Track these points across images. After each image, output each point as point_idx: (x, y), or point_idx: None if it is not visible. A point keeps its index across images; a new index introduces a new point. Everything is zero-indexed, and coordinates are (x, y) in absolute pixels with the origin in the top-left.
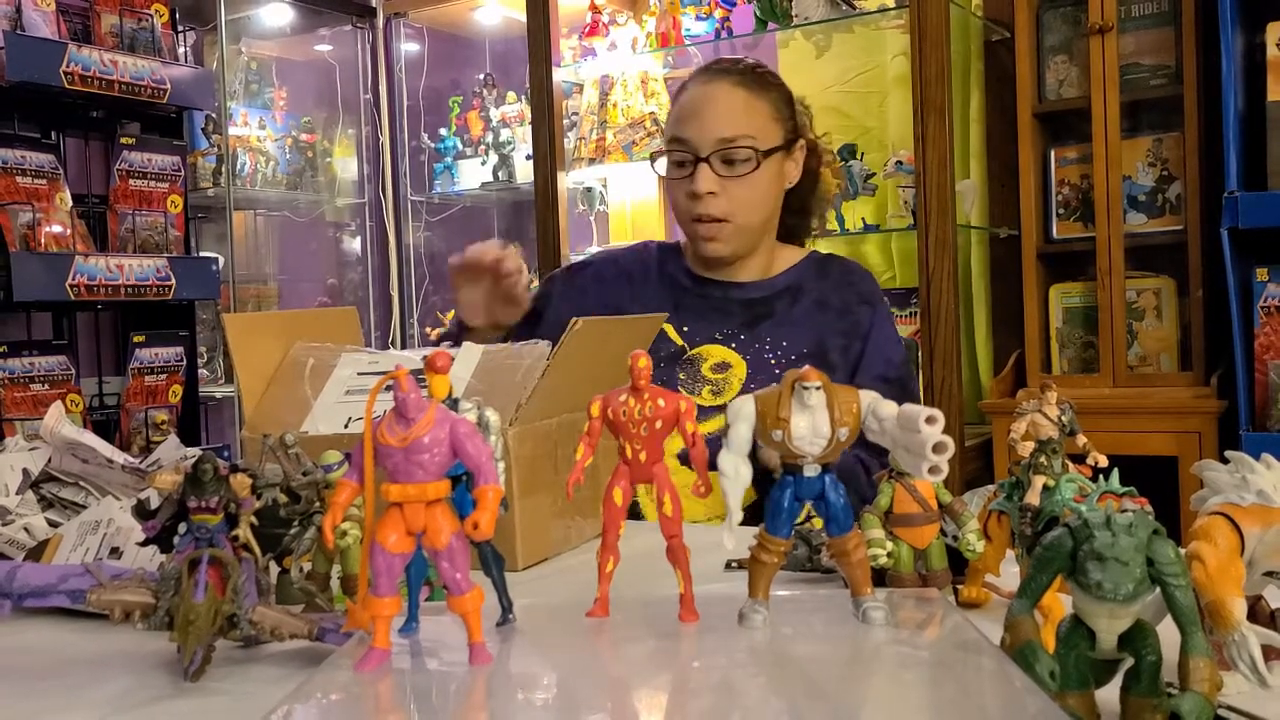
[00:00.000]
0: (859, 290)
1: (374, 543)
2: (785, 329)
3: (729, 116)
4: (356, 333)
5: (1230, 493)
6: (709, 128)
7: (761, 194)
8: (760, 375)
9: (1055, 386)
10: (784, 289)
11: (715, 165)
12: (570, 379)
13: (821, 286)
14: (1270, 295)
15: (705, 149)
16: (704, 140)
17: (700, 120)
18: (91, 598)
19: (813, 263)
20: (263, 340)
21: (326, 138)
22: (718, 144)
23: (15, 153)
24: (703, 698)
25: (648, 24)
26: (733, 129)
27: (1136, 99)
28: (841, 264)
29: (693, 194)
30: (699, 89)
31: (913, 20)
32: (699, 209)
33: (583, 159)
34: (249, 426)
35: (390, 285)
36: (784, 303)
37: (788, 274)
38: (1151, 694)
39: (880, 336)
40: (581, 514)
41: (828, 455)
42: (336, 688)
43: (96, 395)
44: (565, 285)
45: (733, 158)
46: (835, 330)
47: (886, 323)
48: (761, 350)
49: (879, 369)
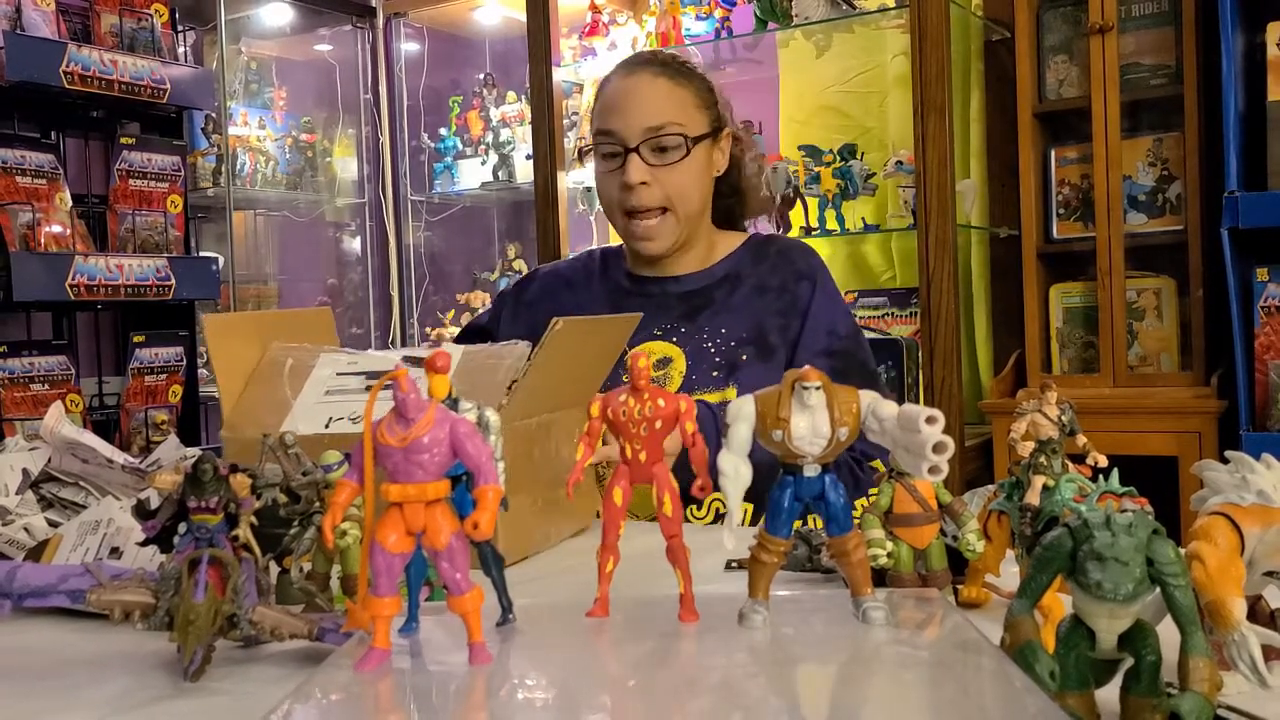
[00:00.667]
0: (797, 268)
1: (374, 543)
2: (724, 316)
3: (654, 105)
4: (332, 333)
5: (1230, 493)
6: (635, 118)
7: (694, 179)
8: (701, 365)
9: (1055, 386)
10: (723, 277)
11: (645, 155)
12: (550, 379)
13: (759, 270)
14: (1270, 295)
15: (634, 139)
16: (631, 131)
17: (625, 112)
18: (91, 598)
19: (751, 247)
20: (240, 340)
21: (326, 138)
22: (646, 133)
23: (15, 152)
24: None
25: (648, 24)
26: (659, 117)
27: (1137, 99)
28: (779, 244)
29: (625, 185)
30: (621, 82)
31: (913, 20)
32: (632, 200)
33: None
34: (228, 426)
35: (390, 285)
36: (723, 291)
37: (726, 261)
38: (1151, 694)
39: (820, 310)
40: (561, 513)
41: (827, 455)
42: (336, 688)
43: (96, 395)
44: (513, 302)
45: (663, 145)
46: (773, 311)
47: (828, 296)
48: (700, 341)
49: (821, 343)
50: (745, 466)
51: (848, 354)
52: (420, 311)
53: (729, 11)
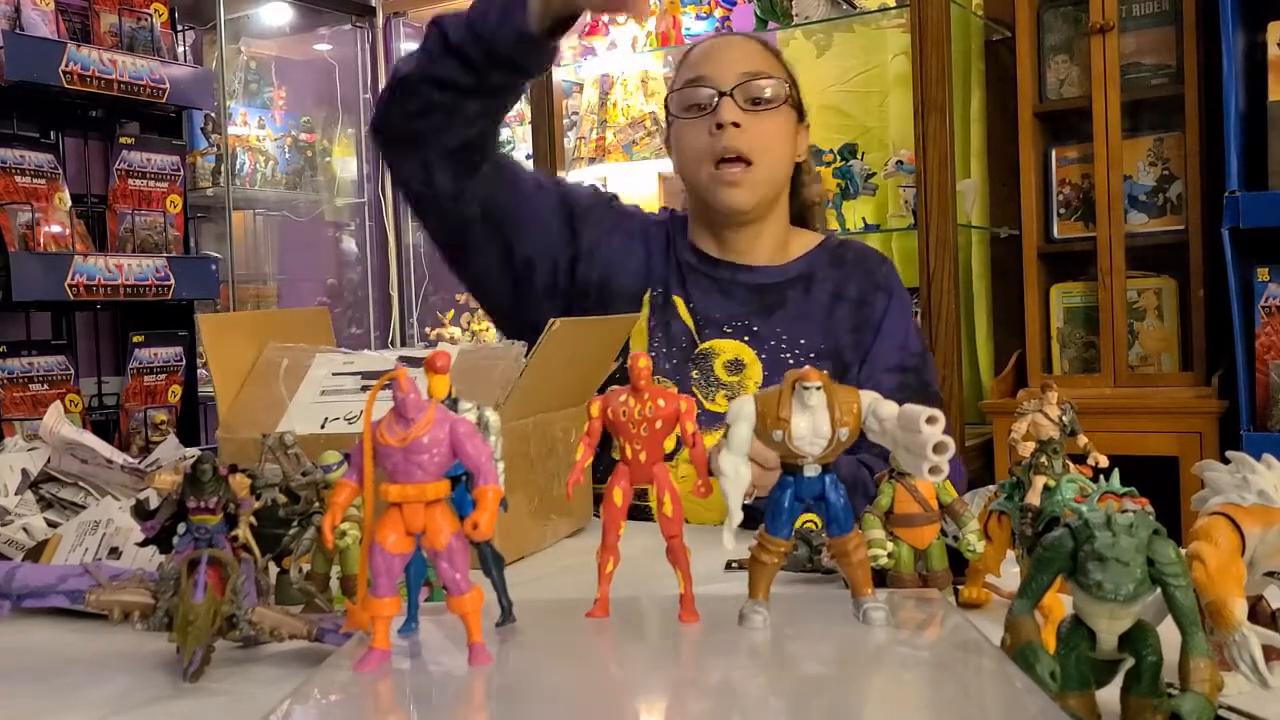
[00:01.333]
0: (875, 279)
1: (373, 543)
2: (800, 324)
3: (749, 54)
4: (329, 333)
5: (1231, 493)
6: (730, 64)
7: (782, 138)
8: (776, 379)
9: (1056, 386)
10: (797, 276)
11: (738, 100)
12: (547, 379)
13: (835, 276)
14: (1271, 295)
15: (727, 83)
16: (725, 75)
17: (718, 59)
18: (90, 598)
19: (827, 249)
20: (237, 341)
21: (326, 137)
22: (740, 77)
23: (14, 152)
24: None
25: (648, 23)
26: (753, 64)
27: (1137, 99)
28: (856, 250)
29: (716, 127)
30: (712, 40)
31: (913, 20)
32: (723, 142)
33: (583, 158)
34: (224, 427)
35: (390, 285)
36: (797, 291)
37: (800, 260)
38: (1152, 694)
39: (893, 325)
40: (556, 512)
41: (828, 455)
42: (336, 688)
43: (96, 395)
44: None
45: (758, 94)
46: (849, 326)
47: (902, 311)
48: (778, 349)
49: (893, 359)
50: (745, 466)
51: (916, 372)
52: (420, 311)
53: (729, 11)
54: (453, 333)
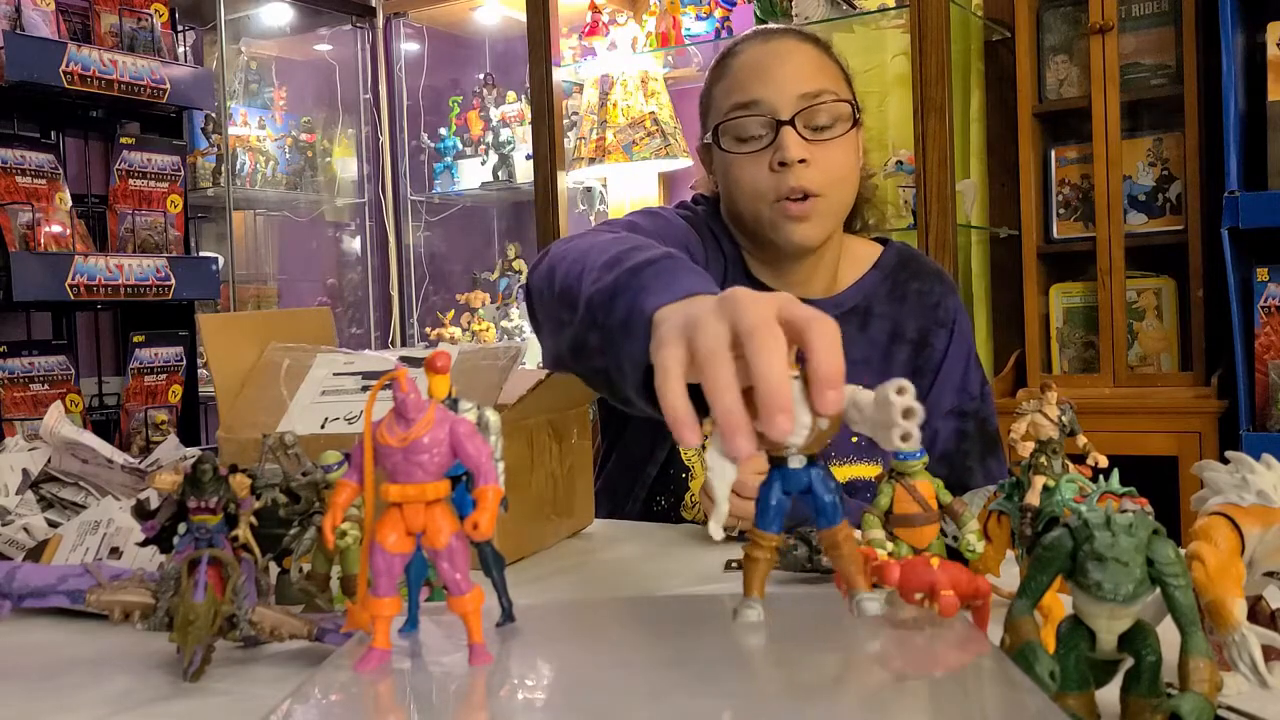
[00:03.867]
0: (937, 315)
1: (374, 543)
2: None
3: (807, 70)
4: (330, 333)
5: (1230, 493)
6: (787, 84)
7: (851, 166)
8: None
9: (1055, 386)
10: (851, 310)
11: (801, 129)
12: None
13: (894, 310)
14: (1271, 295)
15: (787, 109)
16: (783, 98)
17: (772, 78)
18: (91, 598)
19: (885, 271)
20: (237, 340)
21: (326, 137)
22: (800, 101)
23: (15, 152)
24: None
25: (648, 23)
26: (814, 83)
27: (1137, 99)
28: (916, 271)
29: (781, 164)
30: (760, 47)
31: (913, 20)
32: (790, 181)
33: (583, 159)
34: (225, 427)
35: (390, 285)
36: (852, 327)
37: (855, 289)
38: (1151, 694)
39: (953, 365)
40: (557, 513)
41: (811, 446)
42: (336, 688)
43: (96, 395)
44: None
45: (818, 121)
46: (906, 371)
47: (963, 348)
48: None
49: (950, 401)
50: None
51: (977, 416)
52: (420, 311)
53: (729, 11)
54: (453, 333)
